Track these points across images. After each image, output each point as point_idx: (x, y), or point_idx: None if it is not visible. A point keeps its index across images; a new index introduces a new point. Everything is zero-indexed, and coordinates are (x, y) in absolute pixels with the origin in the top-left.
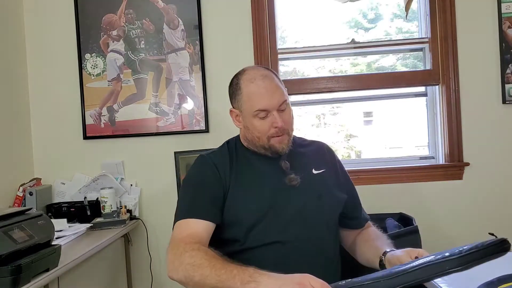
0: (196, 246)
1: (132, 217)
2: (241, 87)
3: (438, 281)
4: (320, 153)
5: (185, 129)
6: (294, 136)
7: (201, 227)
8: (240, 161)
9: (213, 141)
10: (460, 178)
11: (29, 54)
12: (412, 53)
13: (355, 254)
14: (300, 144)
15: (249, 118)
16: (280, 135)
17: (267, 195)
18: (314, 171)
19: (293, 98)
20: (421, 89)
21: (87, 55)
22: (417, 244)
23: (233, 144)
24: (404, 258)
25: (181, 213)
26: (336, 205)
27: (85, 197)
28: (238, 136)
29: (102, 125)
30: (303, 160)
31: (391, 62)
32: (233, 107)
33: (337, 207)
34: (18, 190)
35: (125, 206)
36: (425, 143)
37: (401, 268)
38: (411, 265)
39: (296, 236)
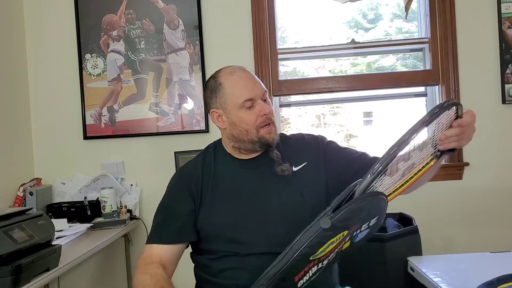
0: (148, 268)
1: (132, 217)
2: (222, 83)
3: (438, 281)
4: (299, 145)
5: (185, 129)
6: None
7: (163, 250)
8: (218, 168)
9: (213, 141)
10: (460, 178)
11: (29, 54)
12: (412, 53)
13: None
14: (282, 141)
15: (234, 112)
16: (268, 124)
17: (241, 205)
18: (294, 168)
19: (293, 98)
20: (421, 89)
21: (87, 55)
22: (417, 243)
23: (211, 150)
24: None
25: (149, 237)
26: (321, 198)
27: (85, 197)
28: (219, 140)
29: (102, 125)
30: (283, 158)
31: (391, 62)
32: (213, 108)
33: (322, 201)
34: (19, 190)
35: (125, 206)
36: None
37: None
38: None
39: (284, 242)
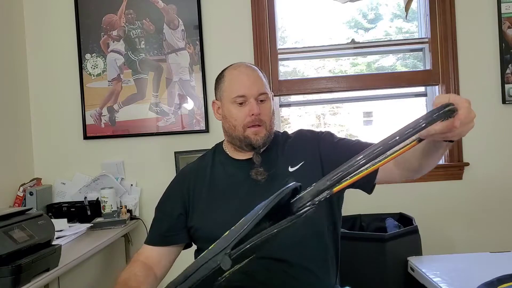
0: (131, 263)
1: (132, 217)
2: (225, 75)
3: (438, 281)
4: (297, 145)
5: (185, 129)
6: (278, 133)
7: (150, 250)
8: (215, 169)
9: (213, 141)
10: (460, 178)
11: (29, 54)
12: (412, 53)
13: (415, 167)
14: (283, 141)
15: (227, 106)
16: (256, 125)
17: (236, 206)
18: (291, 169)
19: (293, 98)
20: (421, 89)
21: (88, 55)
22: (417, 244)
23: (211, 152)
24: None
25: (146, 238)
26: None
27: (85, 197)
28: (222, 141)
29: (102, 125)
30: (281, 158)
31: (391, 62)
32: (215, 99)
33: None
34: (19, 190)
35: (125, 206)
36: None
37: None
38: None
39: (277, 245)
